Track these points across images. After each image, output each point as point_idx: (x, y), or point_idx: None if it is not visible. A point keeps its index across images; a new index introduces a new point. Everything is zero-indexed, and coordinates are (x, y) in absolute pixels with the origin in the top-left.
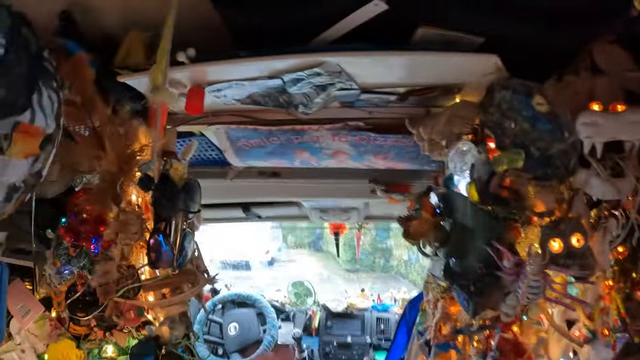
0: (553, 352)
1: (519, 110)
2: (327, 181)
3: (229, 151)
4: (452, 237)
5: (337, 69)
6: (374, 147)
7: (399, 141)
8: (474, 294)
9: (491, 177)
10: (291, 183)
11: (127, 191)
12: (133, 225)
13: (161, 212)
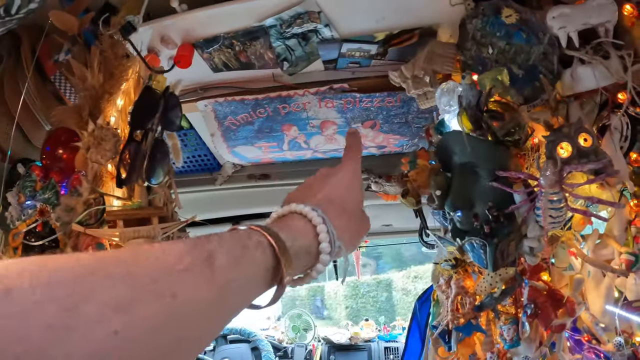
0: (593, 298)
1: (493, 33)
2: None
3: (217, 135)
4: (454, 183)
5: (316, 8)
6: (361, 111)
7: (385, 101)
8: (489, 236)
9: (479, 98)
10: (282, 187)
11: (107, 111)
12: (107, 142)
13: (138, 120)
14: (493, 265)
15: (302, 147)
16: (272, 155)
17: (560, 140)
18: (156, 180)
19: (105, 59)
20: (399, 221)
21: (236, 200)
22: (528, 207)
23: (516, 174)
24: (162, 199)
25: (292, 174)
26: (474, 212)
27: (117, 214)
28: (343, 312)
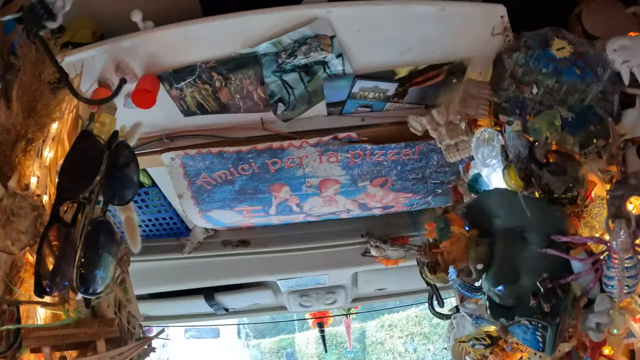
0: None
1: (539, 69)
2: (309, 246)
3: (185, 196)
4: (498, 252)
5: (329, 32)
6: (372, 166)
7: (402, 154)
8: (550, 315)
9: (531, 149)
10: (264, 254)
11: (25, 169)
12: (22, 219)
13: (68, 186)
14: (552, 349)
15: (294, 210)
16: (255, 221)
17: (629, 195)
18: (100, 287)
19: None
20: (394, 284)
21: (209, 270)
22: (595, 277)
23: (580, 239)
24: (112, 302)
25: (277, 240)
26: (523, 287)
27: (42, 337)
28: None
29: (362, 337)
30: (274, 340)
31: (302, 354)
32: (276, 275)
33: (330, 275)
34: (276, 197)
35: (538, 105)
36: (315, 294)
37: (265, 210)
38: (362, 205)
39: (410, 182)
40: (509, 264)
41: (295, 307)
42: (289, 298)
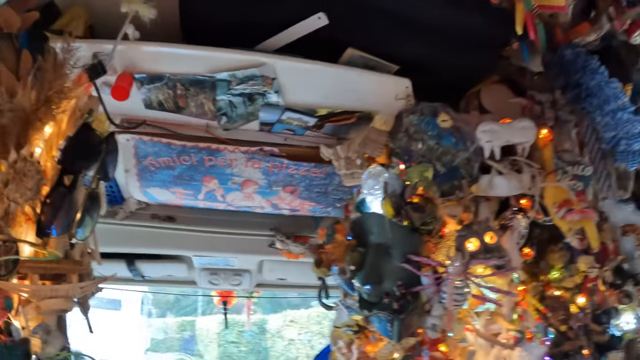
0: None
1: (426, 131)
2: (226, 230)
3: (131, 172)
4: (368, 259)
5: (272, 75)
6: (285, 176)
7: (311, 171)
8: (397, 312)
9: (404, 189)
10: (186, 232)
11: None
12: (29, 179)
13: (71, 162)
14: (398, 338)
15: (218, 199)
16: (184, 202)
17: (469, 236)
18: (82, 235)
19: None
20: (294, 276)
21: (135, 238)
22: (434, 290)
23: (428, 261)
24: (80, 251)
25: (199, 221)
26: (385, 289)
27: (33, 267)
28: (215, 351)
29: (263, 329)
30: (176, 320)
31: (202, 337)
32: (193, 252)
33: (239, 259)
34: (206, 186)
35: (420, 157)
36: (223, 274)
37: (195, 195)
38: (274, 205)
39: (315, 194)
40: (376, 270)
41: (204, 284)
42: (200, 274)
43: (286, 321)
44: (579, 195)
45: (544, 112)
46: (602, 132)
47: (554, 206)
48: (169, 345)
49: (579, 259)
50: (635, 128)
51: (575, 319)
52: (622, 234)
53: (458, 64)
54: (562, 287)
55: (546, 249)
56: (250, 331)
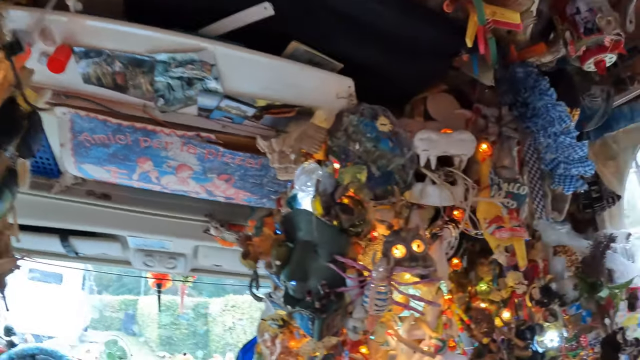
0: None
1: (364, 133)
2: (161, 213)
3: (66, 146)
4: (295, 256)
5: (211, 61)
6: (221, 164)
7: (247, 161)
8: (319, 311)
9: (336, 189)
10: (121, 210)
11: None
12: None
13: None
14: (319, 337)
15: (152, 181)
16: (119, 180)
17: (397, 242)
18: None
19: None
20: (229, 264)
21: (70, 213)
22: (357, 293)
23: (352, 263)
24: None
25: (134, 201)
26: (308, 286)
27: None
28: (155, 332)
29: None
30: (117, 298)
31: (143, 317)
32: (128, 232)
33: (174, 243)
34: (140, 167)
35: (357, 158)
36: (158, 256)
37: (129, 175)
38: (209, 192)
39: (249, 184)
40: (301, 267)
41: (139, 265)
42: (135, 255)
43: (227, 306)
44: (511, 213)
45: (488, 126)
46: (543, 153)
47: (484, 221)
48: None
49: (508, 274)
50: (576, 153)
51: (499, 332)
52: (553, 253)
53: (405, 69)
54: (489, 300)
55: (476, 262)
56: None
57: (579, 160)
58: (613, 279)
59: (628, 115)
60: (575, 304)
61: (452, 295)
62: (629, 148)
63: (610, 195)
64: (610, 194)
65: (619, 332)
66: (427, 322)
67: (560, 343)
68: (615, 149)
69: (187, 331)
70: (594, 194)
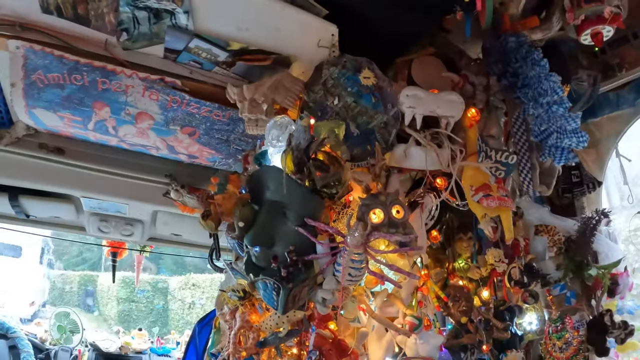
0: (374, 350)
1: (345, 87)
2: (118, 172)
3: (17, 87)
4: (260, 218)
5: None
6: (185, 114)
7: (214, 113)
8: (285, 280)
9: (310, 144)
10: (75, 167)
11: None
12: None
13: None
14: (284, 309)
15: (109, 132)
16: (74, 131)
17: (374, 207)
18: None
19: None
20: (189, 233)
21: (19, 168)
22: (328, 261)
23: (325, 227)
24: None
25: (90, 157)
26: (273, 252)
27: None
28: (114, 309)
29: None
30: (77, 273)
31: (103, 294)
32: (81, 192)
33: (131, 207)
34: (96, 114)
35: (335, 115)
36: (114, 222)
37: (84, 124)
38: (170, 148)
39: (215, 140)
40: (267, 231)
41: (94, 230)
42: (89, 219)
43: (188, 284)
44: (499, 183)
45: (475, 93)
46: (533, 124)
47: (471, 189)
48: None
49: (488, 251)
50: (569, 124)
51: (477, 312)
52: (535, 233)
53: (395, 22)
54: (467, 278)
55: (454, 237)
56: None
57: (572, 131)
58: (597, 261)
59: (613, 102)
60: (560, 284)
61: (428, 271)
62: (612, 135)
63: (591, 181)
64: (591, 179)
65: (606, 314)
66: (401, 298)
67: (539, 326)
68: (598, 135)
69: (146, 309)
70: (574, 179)
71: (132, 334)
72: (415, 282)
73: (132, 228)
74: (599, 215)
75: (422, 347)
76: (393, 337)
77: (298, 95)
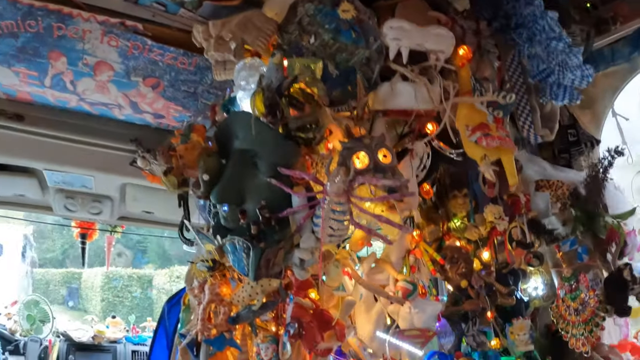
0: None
1: (322, 23)
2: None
3: None
4: (228, 171)
5: None
6: (147, 63)
7: (178, 60)
8: (255, 238)
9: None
10: (35, 135)
11: None
12: None
13: None
14: (255, 273)
15: (67, 88)
16: (30, 90)
17: (358, 150)
18: None
19: None
20: (162, 211)
21: None
22: (306, 214)
23: (300, 174)
24: None
25: (51, 123)
26: (243, 210)
27: None
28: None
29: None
30: (60, 271)
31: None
32: (43, 163)
33: (97, 180)
34: (53, 67)
35: (311, 55)
36: (81, 199)
37: (41, 79)
38: (134, 105)
39: (181, 93)
40: (236, 185)
41: (60, 209)
42: (55, 197)
43: (172, 277)
44: (498, 122)
45: (465, 36)
46: (530, 65)
47: (467, 129)
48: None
49: (486, 208)
50: (571, 60)
51: (477, 277)
52: (535, 189)
53: None
54: (465, 239)
55: (447, 195)
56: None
57: (575, 66)
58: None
59: (608, 57)
60: (570, 239)
61: (420, 231)
62: (608, 92)
63: (589, 139)
64: (588, 137)
65: (625, 269)
66: (392, 262)
67: (546, 291)
68: (593, 93)
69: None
70: (570, 138)
71: (107, 322)
72: (407, 245)
73: (100, 205)
74: (611, 154)
75: (417, 316)
76: (384, 308)
77: (270, 37)
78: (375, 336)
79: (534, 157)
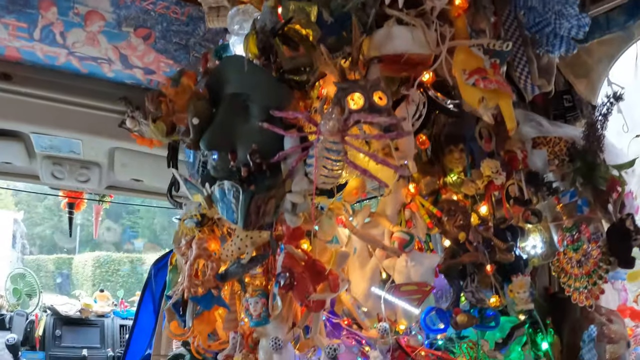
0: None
1: None
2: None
3: None
4: (219, 116)
5: None
6: (139, 12)
7: (171, 10)
8: (245, 182)
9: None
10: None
11: None
12: None
13: None
14: (245, 220)
15: (57, 41)
16: (20, 44)
17: (353, 90)
18: None
19: None
20: (151, 178)
21: None
22: (298, 157)
23: (294, 114)
24: None
25: (39, 83)
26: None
27: None
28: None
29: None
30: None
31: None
32: (30, 125)
33: (85, 143)
34: (43, 17)
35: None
36: (68, 165)
37: (30, 32)
38: (124, 59)
39: (173, 45)
40: (227, 131)
41: (47, 177)
42: (42, 164)
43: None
44: (495, 68)
45: None
46: (527, 18)
47: (464, 73)
48: (43, 284)
49: (483, 162)
50: (567, 9)
51: (475, 232)
52: (532, 146)
53: None
54: (462, 194)
55: (443, 150)
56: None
57: (571, 15)
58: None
59: (604, 25)
60: (570, 191)
61: (415, 185)
62: (604, 60)
63: (585, 105)
64: (584, 103)
65: (627, 219)
66: (387, 216)
67: (544, 249)
68: (589, 62)
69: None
70: (566, 103)
71: (95, 296)
72: (402, 198)
73: (88, 172)
74: (609, 100)
75: (414, 270)
76: (379, 263)
77: None
78: (370, 294)
79: (530, 113)
